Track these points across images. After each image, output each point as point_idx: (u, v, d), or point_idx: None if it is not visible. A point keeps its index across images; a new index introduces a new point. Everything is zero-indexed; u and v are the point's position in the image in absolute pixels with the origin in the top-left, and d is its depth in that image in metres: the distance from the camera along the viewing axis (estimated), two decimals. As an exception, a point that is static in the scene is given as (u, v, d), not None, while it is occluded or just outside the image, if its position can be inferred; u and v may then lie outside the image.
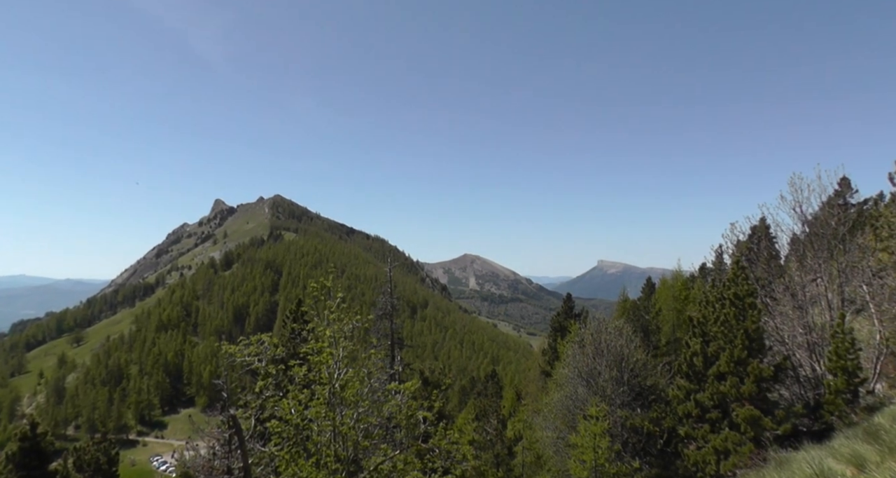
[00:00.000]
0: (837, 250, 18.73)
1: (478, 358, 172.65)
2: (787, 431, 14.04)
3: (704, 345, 16.62)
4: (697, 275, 35.82)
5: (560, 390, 23.04)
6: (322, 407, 8.78)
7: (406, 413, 10.04)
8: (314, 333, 9.56)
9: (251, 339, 9.85)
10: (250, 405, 10.38)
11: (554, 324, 38.56)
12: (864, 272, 18.01)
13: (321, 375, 8.98)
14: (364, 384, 9.46)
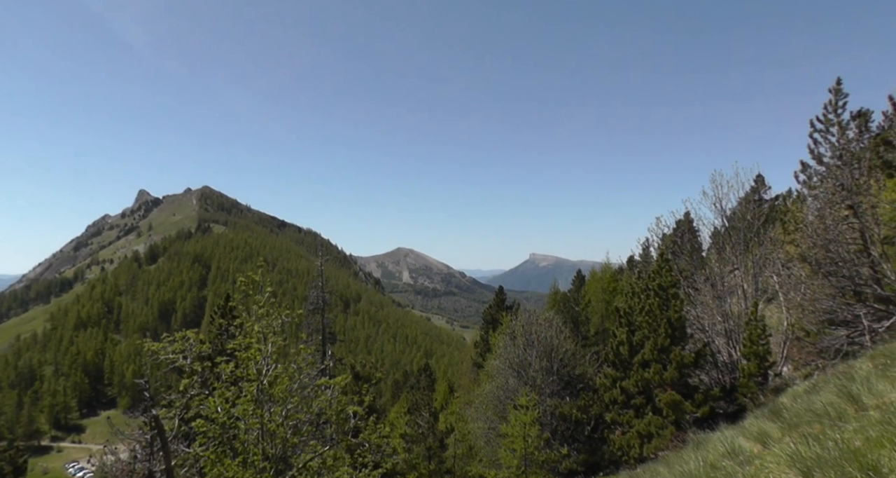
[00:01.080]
0: (753, 243, 19.75)
1: (411, 352, 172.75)
2: (705, 413, 14.71)
3: (630, 334, 17.15)
4: (625, 267, 37.03)
5: (491, 381, 23.28)
6: (250, 404, 8.46)
7: (336, 408, 9.84)
8: (242, 329, 9.23)
9: (176, 336, 9.42)
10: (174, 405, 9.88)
11: (486, 316, 38.97)
12: (774, 264, 19.08)
13: (249, 371, 8.66)
14: (293, 380, 9.19)
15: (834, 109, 18.55)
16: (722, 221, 20.43)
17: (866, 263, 15.33)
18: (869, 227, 15.41)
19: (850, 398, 6.37)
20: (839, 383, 7.31)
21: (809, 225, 16.67)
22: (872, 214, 15.54)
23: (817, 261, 16.12)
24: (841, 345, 15.12)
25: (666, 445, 14.17)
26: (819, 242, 15.89)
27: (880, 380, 6.60)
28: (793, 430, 6.54)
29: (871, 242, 15.33)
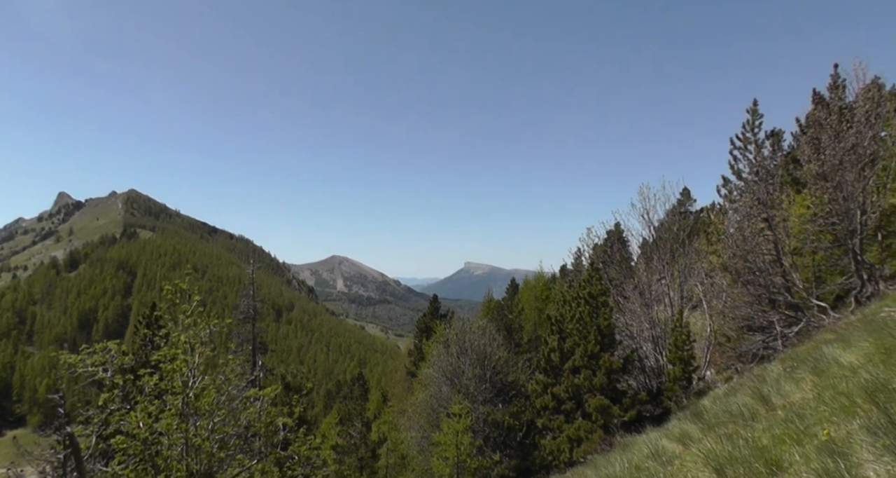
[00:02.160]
0: (679, 253, 20.60)
1: (345, 361, 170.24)
2: (632, 417, 15.17)
3: (561, 341, 17.49)
4: (558, 276, 37.81)
5: (425, 389, 23.20)
6: (174, 418, 8.05)
7: (265, 420, 9.54)
8: (168, 339, 8.82)
9: (96, 347, 8.88)
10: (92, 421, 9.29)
11: (420, 325, 38.91)
12: (698, 273, 19.97)
13: (174, 384, 8.26)
14: (221, 392, 8.85)
15: (751, 129, 19.66)
16: (650, 232, 21.23)
17: (779, 272, 16.22)
18: (781, 239, 16.33)
19: (761, 399, 6.70)
20: (753, 386, 7.68)
21: (730, 236, 17.51)
22: (784, 227, 16.48)
23: (737, 270, 16.94)
24: (757, 349, 15.93)
25: (595, 448, 14.49)
26: (738, 253, 16.71)
27: (787, 381, 6.97)
28: (711, 430, 6.81)
29: (783, 253, 16.25)
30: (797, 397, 6.19)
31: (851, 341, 6.96)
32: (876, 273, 14.77)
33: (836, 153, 14.56)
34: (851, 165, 14.38)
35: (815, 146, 15.49)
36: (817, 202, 15.48)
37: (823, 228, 15.43)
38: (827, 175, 14.84)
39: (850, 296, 14.99)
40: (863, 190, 14.30)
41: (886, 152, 14.95)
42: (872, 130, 14.57)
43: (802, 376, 6.96)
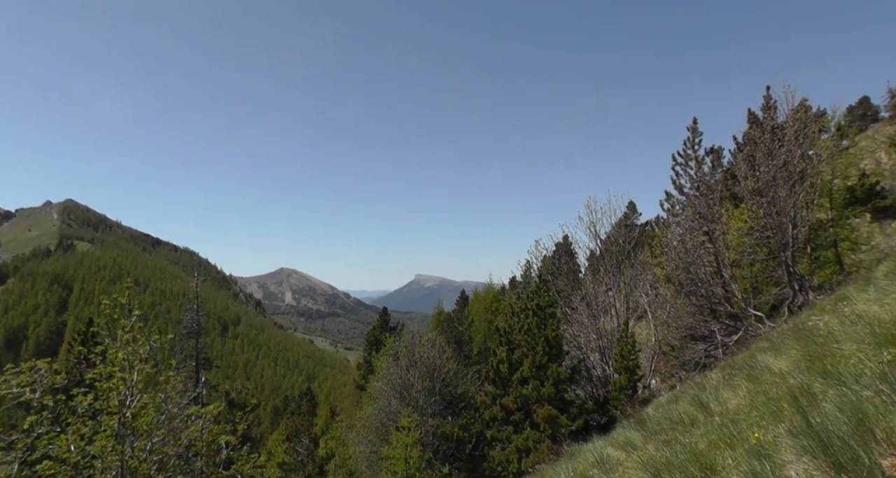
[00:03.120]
0: (624, 265, 21.11)
1: (293, 376, 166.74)
2: (579, 426, 15.38)
3: (510, 352, 17.62)
4: (507, 287, 38.16)
5: (374, 403, 22.95)
6: (109, 440, 7.66)
7: (207, 439, 9.21)
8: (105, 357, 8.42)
9: (23, 366, 8.38)
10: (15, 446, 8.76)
11: (370, 338, 38.58)
12: (643, 284, 20.50)
13: (110, 403, 7.87)
14: (161, 411, 8.50)
15: (692, 145, 20.33)
16: (597, 244, 21.70)
17: (719, 283, 16.82)
18: (721, 251, 16.95)
19: (701, 406, 6.90)
20: (693, 393, 7.90)
21: (673, 249, 18.07)
22: (723, 240, 17.12)
23: (680, 282, 17.48)
24: (700, 358, 16.43)
25: (543, 458, 14.60)
26: (681, 265, 17.25)
27: (725, 389, 7.20)
28: (653, 437, 6.98)
29: (722, 264, 16.87)
30: (733, 403, 6.39)
31: (782, 349, 7.25)
32: (806, 284, 15.48)
33: (769, 170, 15.25)
34: (783, 181, 15.08)
35: (750, 163, 16.19)
36: (753, 216, 16.14)
37: (759, 240, 16.09)
38: (762, 191, 15.51)
39: (784, 306, 15.66)
40: (793, 205, 15.00)
41: (813, 170, 15.76)
42: (801, 149, 15.34)
43: (739, 383, 7.19)
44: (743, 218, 17.36)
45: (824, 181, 17.28)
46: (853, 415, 3.07)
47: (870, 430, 2.91)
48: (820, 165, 16.62)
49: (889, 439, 2.84)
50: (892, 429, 2.90)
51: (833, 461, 2.80)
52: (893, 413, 3.04)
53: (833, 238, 18.43)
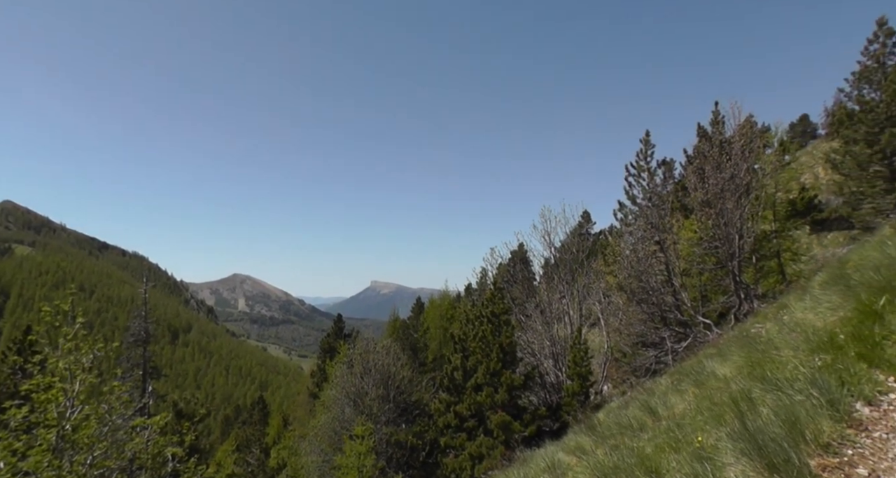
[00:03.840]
0: (578, 274, 21.43)
1: (245, 385, 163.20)
2: (532, 432, 15.50)
3: (464, 359, 17.65)
4: (463, 295, 38.26)
5: (327, 412, 22.64)
6: (45, 455, 7.27)
7: (152, 451, 8.92)
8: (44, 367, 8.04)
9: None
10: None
11: (324, 345, 38.10)
12: (597, 292, 20.86)
13: (48, 415, 7.49)
14: (104, 423, 8.17)
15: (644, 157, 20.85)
16: (551, 252, 21.98)
17: (670, 292, 17.23)
18: (672, 260, 17.39)
19: (649, 411, 7.04)
20: (643, 399, 8.06)
21: (625, 258, 18.43)
22: (674, 250, 17.58)
23: (632, 290, 17.83)
24: (650, 364, 16.79)
25: (496, 464, 14.64)
26: (633, 274, 17.61)
27: (673, 394, 7.37)
28: (604, 442, 7.08)
29: (673, 273, 17.30)
30: (680, 408, 6.54)
31: (727, 356, 7.46)
32: (751, 292, 16.01)
33: (717, 183, 15.74)
34: (731, 193, 15.59)
35: (700, 176, 16.67)
36: (703, 227, 16.62)
37: (708, 250, 16.55)
38: (710, 202, 15.98)
39: (731, 313, 16.14)
40: (740, 217, 15.51)
41: (758, 183, 16.35)
42: (747, 163, 15.90)
43: (686, 388, 7.37)
44: (693, 228, 17.87)
45: (768, 194, 17.91)
46: (787, 418, 3.19)
47: (801, 432, 3.04)
48: (764, 178, 17.25)
49: (817, 440, 2.98)
50: (820, 430, 3.06)
51: (767, 462, 2.90)
52: (822, 416, 3.21)
53: (776, 249, 19.12)
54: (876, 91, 25.67)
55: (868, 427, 3.23)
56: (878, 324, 4.80)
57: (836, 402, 3.38)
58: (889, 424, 3.27)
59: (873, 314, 5.08)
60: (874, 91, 25.76)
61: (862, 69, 26.49)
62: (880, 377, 3.85)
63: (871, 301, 5.47)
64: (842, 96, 27.98)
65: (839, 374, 3.78)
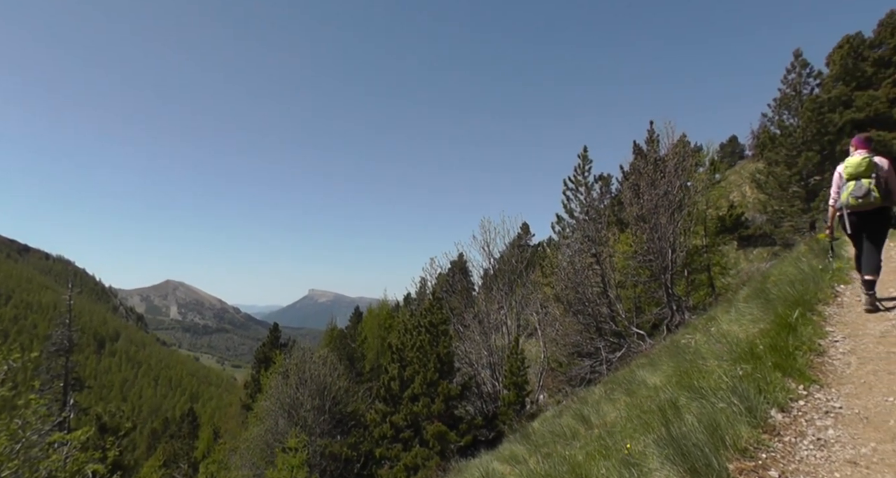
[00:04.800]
0: (516, 284, 21.73)
1: (175, 396, 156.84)
2: (468, 442, 15.54)
3: (402, 369, 17.57)
4: (402, 304, 38.10)
5: (260, 424, 22.07)
6: None
7: (71, 469, 8.45)
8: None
9: None
10: None
11: (259, 355, 37.16)
12: (534, 303, 21.19)
13: None
14: (16, 439, 7.68)
15: (582, 172, 21.43)
16: (490, 263, 22.23)
17: (605, 303, 17.68)
18: (607, 273, 17.86)
19: (582, 420, 7.18)
20: (576, 408, 8.22)
21: (563, 270, 18.82)
22: (610, 262, 18.06)
23: (568, 301, 18.21)
24: (586, 373, 17.15)
25: (431, 475, 14.58)
26: (570, 285, 18.00)
27: (606, 403, 7.55)
28: (538, 450, 7.17)
29: (609, 285, 17.75)
30: (612, 416, 6.69)
31: (658, 365, 7.69)
32: (683, 304, 16.60)
33: (652, 199, 16.31)
34: (664, 209, 16.17)
35: (635, 191, 17.24)
36: (637, 241, 17.15)
37: (642, 263, 17.09)
38: (645, 217, 16.54)
39: (663, 324, 16.68)
40: (673, 232, 16.10)
41: (690, 200, 17.04)
42: (680, 180, 16.56)
43: (618, 397, 7.55)
44: (628, 242, 18.42)
45: (699, 211, 18.66)
46: (709, 425, 3.32)
47: (721, 437, 3.18)
48: (696, 195, 17.99)
49: (736, 445, 3.13)
50: (739, 436, 3.22)
51: (690, 467, 3.01)
52: (741, 422, 3.38)
53: (706, 263, 19.91)
54: (794, 117, 27.44)
55: (780, 432, 3.41)
56: (791, 336, 5.09)
57: (753, 409, 3.55)
58: (798, 428, 3.49)
59: (788, 326, 5.38)
60: (793, 117, 27.53)
61: (782, 96, 28.33)
62: (792, 385, 4.09)
63: (786, 314, 5.78)
64: (765, 121, 29.72)
65: (757, 382, 3.97)
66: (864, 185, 6.05)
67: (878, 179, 6.06)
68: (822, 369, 4.54)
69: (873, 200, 6.04)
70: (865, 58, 28.00)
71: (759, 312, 6.75)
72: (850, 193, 6.15)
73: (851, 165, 6.23)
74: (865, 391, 3.98)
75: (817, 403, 3.86)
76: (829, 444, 3.26)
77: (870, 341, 5.10)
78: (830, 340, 5.28)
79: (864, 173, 6.09)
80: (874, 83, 27.28)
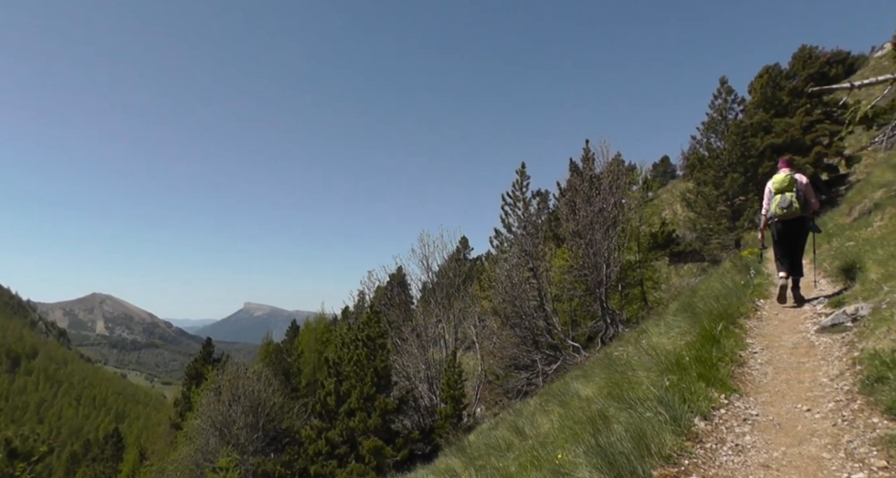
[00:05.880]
0: (455, 298, 21.83)
1: (98, 416, 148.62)
2: (404, 456, 15.41)
3: (338, 384, 17.29)
4: (340, 318, 37.61)
5: (190, 443, 21.27)
6: None
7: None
8: None
9: None
10: None
11: (190, 371, 35.87)
12: (472, 316, 21.33)
13: None
14: None
15: (520, 188, 21.90)
16: (429, 276, 22.26)
17: (542, 316, 17.97)
18: (544, 286, 18.18)
19: (517, 431, 7.25)
20: (511, 419, 8.29)
21: (500, 283, 19.03)
22: (546, 277, 18.40)
23: (506, 314, 18.41)
24: (522, 386, 17.34)
25: (367, 492, 14.38)
26: (507, 299, 18.21)
27: (541, 414, 7.65)
28: (473, 463, 7.18)
29: (545, 299, 18.06)
30: (546, 427, 6.79)
31: (591, 377, 7.87)
32: (617, 318, 17.06)
33: (587, 215, 16.76)
34: (599, 225, 16.65)
35: (571, 208, 17.69)
36: (573, 256, 17.56)
37: (578, 278, 17.49)
38: (581, 233, 16.97)
39: (598, 337, 17.08)
40: (608, 247, 16.57)
41: (624, 217, 17.61)
42: (614, 198, 17.09)
43: (552, 408, 7.67)
44: (564, 257, 18.83)
45: (633, 227, 19.26)
46: (636, 434, 3.44)
47: (647, 446, 3.29)
48: (630, 212, 18.60)
49: (660, 453, 3.25)
50: (664, 444, 3.35)
51: (616, 475, 3.11)
52: (666, 431, 3.52)
53: (639, 277, 20.54)
54: (720, 140, 29.06)
55: (702, 439, 3.57)
56: (715, 348, 5.33)
57: (678, 418, 3.70)
58: (718, 435, 3.67)
59: (712, 339, 5.63)
60: (719, 140, 29.14)
61: (710, 120, 29.97)
62: (714, 395, 4.29)
63: (711, 327, 6.05)
64: (695, 143, 31.26)
65: (682, 392, 4.13)
66: (788, 197, 7.15)
67: (798, 192, 7.19)
68: (742, 378, 4.78)
69: (794, 210, 7.14)
70: (782, 87, 29.81)
71: (687, 326, 7.03)
72: (778, 205, 7.24)
73: (777, 181, 7.36)
74: (779, 399, 4.21)
75: (737, 411, 4.06)
76: (746, 449, 3.44)
77: (784, 352, 5.39)
78: (750, 352, 5.55)
79: (787, 188, 7.22)
80: (790, 111, 29.06)
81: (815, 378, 4.48)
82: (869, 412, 3.51)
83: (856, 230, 10.99)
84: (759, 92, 30.14)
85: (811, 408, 3.90)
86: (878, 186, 13.80)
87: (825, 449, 3.26)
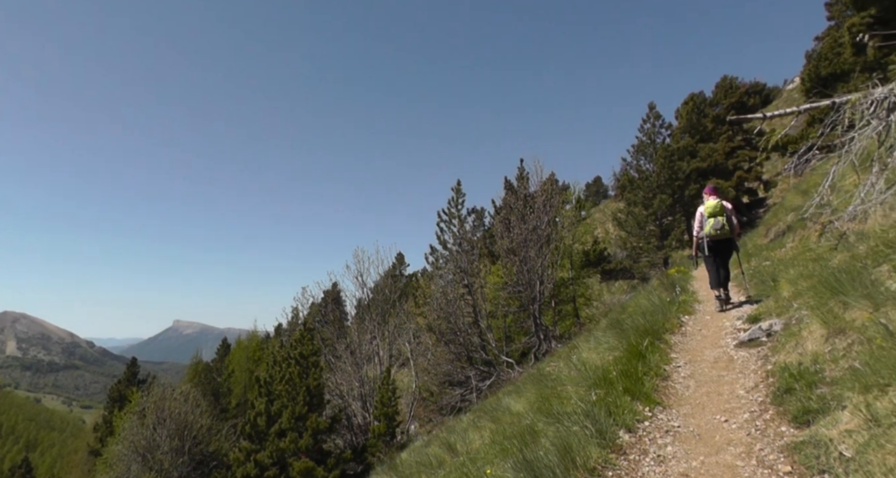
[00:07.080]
0: (390, 314, 21.71)
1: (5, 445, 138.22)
2: (336, 477, 15.06)
3: (269, 404, 16.81)
4: (273, 335, 36.69)
5: (110, 470, 20.15)
6: None
7: None
8: None
9: None
10: None
11: (113, 394, 34.03)
12: (407, 332, 21.25)
13: None
14: None
15: (456, 205, 22.07)
16: (364, 293, 22.05)
17: (476, 333, 18.09)
18: (479, 303, 18.34)
19: (449, 448, 7.23)
20: (444, 436, 8.25)
21: (435, 300, 19.07)
22: (481, 293, 18.57)
23: (441, 331, 18.43)
24: (456, 402, 17.32)
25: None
26: (442, 315, 18.25)
27: (473, 430, 7.65)
28: (403, 480, 7.11)
29: (480, 315, 18.21)
30: (477, 443, 6.80)
31: (522, 392, 7.95)
32: (550, 333, 17.36)
33: (521, 233, 17.07)
34: (533, 243, 16.97)
35: (506, 225, 17.97)
36: (508, 273, 17.81)
37: (512, 294, 17.73)
38: (515, 250, 17.24)
39: (531, 353, 17.31)
40: (541, 264, 16.90)
41: (557, 235, 18.03)
42: (548, 216, 17.49)
43: (484, 424, 7.69)
44: (499, 274, 19.06)
45: (566, 245, 19.72)
46: (562, 447, 3.50)
47: (573, 459, 3.36)
48: (563, 231, 19.06)
49: (585, 465, 3.33)
50: (589, 456, 3.43)
51: (541, 488, 3.14)
52: (591, 444, 3.61)
53: (572, 294, 20.99)
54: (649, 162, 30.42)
55: (626, 451, 3.67)
56: (641, 362, 5.50)
57: (604, 431, 3.79)
58: (642, 447, 3.79)
59: (639, 354, 5.82)
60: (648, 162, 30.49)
61: (639, 143, 31.33)
62: (639, 408, 4.43)
63: (637, 343, 6.25)
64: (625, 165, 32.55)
65: (609, 406, 4.24)
66: (720, 221, 8.40)
67: (728, 217, 8.47)
68: (665, 392, 4.94)
69: (725, 232, 8.41)
70: (706, 115, 31.59)
71: (615, 341, 7.22)
72: (712, 226, 8.43)
73: (710, 206, 8.53)
74: (699, 411, 4.38)
75: (660, 423, 4.20)
76: (667, 459, 3.56)
77: (706, 366, 5.62)
78: (674, 366, 5.75)
79: (719, 212, 8.45)
80: (714, 137, 30.78)
81: (733, 390, 4.68)
82: (779, 421, 3.71)
83: (772, 251, 11.71)
84: (686, 118, 31.76)
85: (728, 419, 4.08)
86: (790, 210, 14.68)
87: (739, 457, 3.41)
